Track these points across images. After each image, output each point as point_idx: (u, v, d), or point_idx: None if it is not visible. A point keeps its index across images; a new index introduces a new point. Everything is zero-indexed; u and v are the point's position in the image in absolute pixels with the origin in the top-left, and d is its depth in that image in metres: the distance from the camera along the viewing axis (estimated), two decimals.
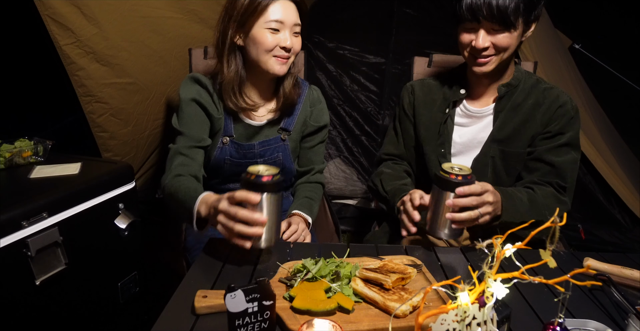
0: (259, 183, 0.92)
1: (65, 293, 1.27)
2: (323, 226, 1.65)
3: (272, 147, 1.38)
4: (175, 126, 1.31)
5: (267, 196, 0.93)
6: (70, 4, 1.58)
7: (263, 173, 0.93)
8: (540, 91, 1.30)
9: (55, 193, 1.23)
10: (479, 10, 1.13)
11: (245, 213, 0.92)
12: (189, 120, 1.30)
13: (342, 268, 0.93)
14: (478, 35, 1.18)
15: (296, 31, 1.26)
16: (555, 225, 0.53)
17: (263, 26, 1.22)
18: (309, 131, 1.45)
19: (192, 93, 1.30)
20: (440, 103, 1.38)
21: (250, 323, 0.75)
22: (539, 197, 1.23)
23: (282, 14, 1.22)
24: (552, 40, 2.66)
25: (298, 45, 1.26)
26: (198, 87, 1.31)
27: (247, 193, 0.91)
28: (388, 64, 2.64)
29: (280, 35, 1.23)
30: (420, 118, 1.41)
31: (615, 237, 2.48)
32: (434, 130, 1.37)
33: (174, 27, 2.06)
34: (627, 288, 0.97)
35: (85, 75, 1.74)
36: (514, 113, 1.29)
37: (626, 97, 3.00)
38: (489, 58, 1.21)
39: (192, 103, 1.30)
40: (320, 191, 1.52)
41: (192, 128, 1.29)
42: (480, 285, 0.53)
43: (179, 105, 1.31)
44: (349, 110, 2.69)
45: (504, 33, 1.17)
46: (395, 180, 1.37)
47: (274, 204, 0.95)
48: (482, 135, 1.33)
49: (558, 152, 1.27)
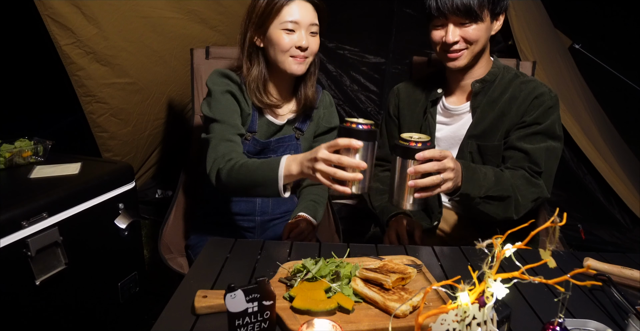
0: (360, 130, 0.97)
1: (65, 293, 1.27)
2: (324, 226, 1.65)
3: (286, 144, 1.41)
4: (209, 114, 1.27)
5: (366, 144, 0.97)
6: (70, 4, 1.58)
7: (362, 122, 0.97)
8: (517, 85, 1.30)
9: (55, 193, 1.23)
10: (445, 5, 1.16)
11: (349, 159, 0.96)
12: (226, 110, 1.28)
13: (342, 268, 0.93)
14: (447, 30, 1.21)
15: (313, 31, 1.27)
16: (555, 225, 0.52)
17: (279, 27, 1.24)
18: (320, 131, 1.49)
19: (225, 86, 1.30)
20: (422, 103, 1.41)
21: (250, 323, 0.75)
22: (506, 176, 1.22)
23: (297, 14, 1.23)
24: (552, 40, 2.66)
25: (315, 45, 1.29)
26: (229, 81, 1.32)
27: (350, 140, 0.95)
28: (388, 64, 2.64)
29: (295, 36, 1.25)
30: (404, 120, 1.45)
31: (615, 237, 2.48)
32: (416, 130, 1.40)
33: (174, 27, 2.06)
34: (627, 288, 0.97)
35: (86, 75, 1.74)
36: (490, 108, 1.30)
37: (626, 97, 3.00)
38: (460, 52, 1.23)
39: (226, 94, 1.29)
40: (326, 193, 1.53)
41: (231, 117, 1.28)
42: (480, 285, 0.53)
43: (210, 97, 1.30)
44: (349, 110, 2.69)
45: (472, 25, 1.20)
46: (383, 195, 1.43)
47: (371, 152, 1.00)
48: (462, 132, 1.35)
49: (531, 140, 1.26)
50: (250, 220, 1.45)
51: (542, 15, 2.63)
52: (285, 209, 1.49)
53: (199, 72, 1.72)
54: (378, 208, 1.43)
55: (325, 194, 1.53)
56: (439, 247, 1.17)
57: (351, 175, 0.97)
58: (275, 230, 1.47)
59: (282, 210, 1.48)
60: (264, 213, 1.45)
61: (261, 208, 1.45)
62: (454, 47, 1.23)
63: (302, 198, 1.49)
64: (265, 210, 1.45)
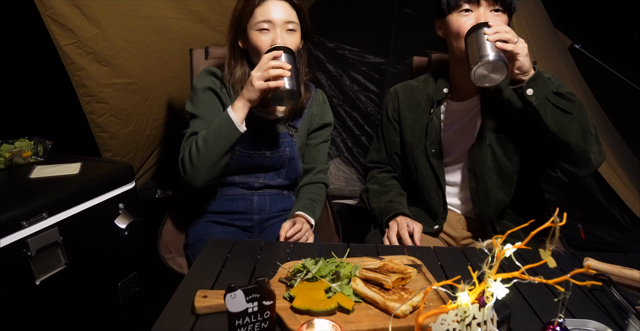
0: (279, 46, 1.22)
1: (65, 293, 1.27)
2: (324, 226, 1.65)
3: (280, 142, 1.42)
4: (189, 110, 1.36)
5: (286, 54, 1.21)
6: (70, 4, 1.58)
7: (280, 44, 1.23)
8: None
9: (55, 193, 1.23)
10: None
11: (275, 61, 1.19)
12: (206, 106, 1.35)
13: (342, 268, 0.93)
14: (479, 13, 1.18)
15: (290, 28, 1.28)
16: (555, 225, 0.52)
17: (254, 28, 1.27)
18: (314, 128, 1.50)
19: (208, 83, 1.36)
20: (425, 104, 1.40)
21: (250, 323, 0.75)
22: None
23: (270, 13, 1.25)
24: (552, 40, 2.66)
25: (291, 42, 1.28)
26: (213, 78, 1.38)
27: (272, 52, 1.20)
28: (388, 64, 2.64)
29: (271, 35, 1.26)
30: (405, 123, 1.42)
31: (615, 237, 2.48)
32: (421, 132, 1.39)
33: (174, 28, 2.06)
34: (627, 288, 0.97)
35: (86, 75, 1.74)
36: (500, 100, 1.31)
37: (626, 97, 3.00)
38: None
39: (208, 91, 1.36)
40: (324, 192, 1.53)
41: (208, 113, 1.34)
42: (480, 285, 0.53)
43: (193, 94, 1.38)
44: (349, 110, 2.69)
45: (503, 14, 1.20)
46: (381, 196, 1.43)
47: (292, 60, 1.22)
48: (472, 127, 1.34)
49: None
50: (248, 218, 1.45)
51: (542, 15, 2.63)
52: (283, 207, 1.49)
53: (198, 72, 1.72)
54: (377, 210, 1.42)
55: (324, 193, 1.53)
56: (439, 247, 1.17)
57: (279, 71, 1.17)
58: (274, 229, 1.46)
59: (280, 208, 1.48)
60: (261, 211, 1.46)
61: (258, 206, 1.45)
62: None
63: (300, 197, 1.49)
64: (263, 208, 1.46)
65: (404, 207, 1.38)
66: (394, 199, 1.40)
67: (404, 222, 1.29)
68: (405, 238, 1.26)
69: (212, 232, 1.39)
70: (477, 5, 1.18)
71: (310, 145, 1.51)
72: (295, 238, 1.28)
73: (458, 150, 1.37)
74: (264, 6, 1.26)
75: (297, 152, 1.44)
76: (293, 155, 1.44)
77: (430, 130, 1.36)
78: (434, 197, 1.40)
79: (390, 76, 2.62)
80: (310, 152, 1.52)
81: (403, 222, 1.29)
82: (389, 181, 1.49)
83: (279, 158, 1.42)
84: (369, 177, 1.54)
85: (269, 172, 1.44)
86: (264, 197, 1.46)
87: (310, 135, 1.51)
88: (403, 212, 1.34)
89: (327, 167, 1.55)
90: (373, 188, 1.47)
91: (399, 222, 1.30)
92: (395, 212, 1.34)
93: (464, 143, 1.35)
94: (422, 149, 1.38)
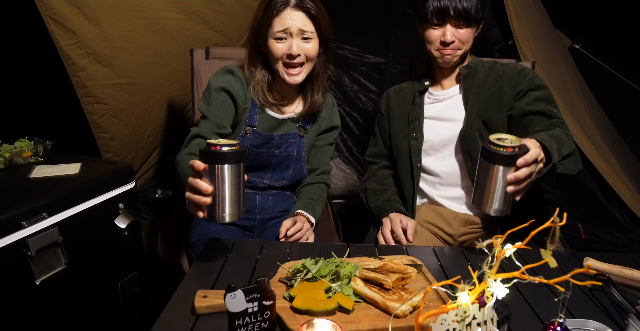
0: (210, 151, 0.89)
1: (65, 293, 1.27)
2: (324, 226, 1.65)
3: (290, 141, 1.43)
4: (201, 110, 1.36)
5: (221, 166, 0.89)
6: (71, 4, 1.58)
7: (217, 144, 0.89)
8: (498, 67, 1.44)
9: (55, 193, 1.23)
10: (447, 12, 1.31)
11: (193, 180, 0.91)
12: (215, 107, 1.35)
13: (342, 268, 0.93)
14: (445, 31, 1.34)
15: (306, 36, 1.30)
16: (555, 225, 0.53)
17: (272, 36, 1.30)
18: (322, 130, 1.52)
19: (223, 83, 1.35)
20: (410, 97, 1.52)
21: (250, 323, 0.75)
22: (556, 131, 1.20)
23: (286, 22, 1.28)
24: (552, 40, 2.66)
25: (310, 51, 1.31)
26: (230, 76, 1.37)
27: (195, 161, 0.90)
28: (388, 64, 2.64)
29: (287, 43, 1.29)
30: (393, 115, 1.54)
31: (615, 237, 2.48)
32: (404, 119, 1.49)
33: (175, 28, 2.06)
34: (627, 288, 0.97)
35: (86, 76, 1.74)
36: (481, 88, 1.41)
37: (626, 97, 2.99)
38: (454, 51, 1.37)
39: (221, 91, 1.35)
40: (325, 192, 1.54)
41: (216, 115, 1.34)
42: (480, 285, 0.53)
43: (206, 91, 1.37)
44: (349, 110, 2.69)
45: (466, 29, 1.35)
46: (379, 195, 1.50)
47: (232, 176, 0.91)
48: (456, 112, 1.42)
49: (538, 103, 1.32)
50: (249, 218, 1.46)
51: (542, 15, 2.63)
52: (285, 208, 1.49)
53: (198, 73, 1.72)
54: (374, 209, 1.47)
55: (324, 193, 1.53)
56: (439, 247, 1.17)
57: (197, 197, 0.91)
58: (274, 229, 1.46)
59: (282, 209, 1.49)
60: (263, 212, 1.46)
61: (261, 206, 1.45)
62: (450, 46, 1.35)
63: (301, 196, 1.49)
64: (265, 208, 1.46)
65: (401, 205, 1.43)
66: (391, 197, 1.46)
67: (397, 218, 1.35)
68: (398, 234, 1.30)
69: (213, 230, 1.40)
70: (443, 23, 1.33)
71: (316, 146, 1.53)
72: (296, 238, 1.28)
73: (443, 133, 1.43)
74: (281, 16, 1.28)
75: (304, 153, 1.46)
76: (301, 156, 1.45)
77: (413, 117, 1.47)
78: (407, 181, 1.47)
79: (390, 76, 2.62)
80: (316, 154, 1.53)
81: (396, 218, 1.35)
82: (388, 179, 1.55)
83: (287, 158, 1.43)
84: (369, 175, 1.59)
85: (275, 172, 1.45)
86: (266, 197, 1.46)
87: (319, 137, 1.53)
88: (398, 209, 1.38)
89: (329, 168, 1.57)
90: (371, 187, 1.53)
91: (392, 218, 1.36)
92: (394, 210, 1.38)
93: (450, 129, 1.41)
94: (405, 134, 1.47)
